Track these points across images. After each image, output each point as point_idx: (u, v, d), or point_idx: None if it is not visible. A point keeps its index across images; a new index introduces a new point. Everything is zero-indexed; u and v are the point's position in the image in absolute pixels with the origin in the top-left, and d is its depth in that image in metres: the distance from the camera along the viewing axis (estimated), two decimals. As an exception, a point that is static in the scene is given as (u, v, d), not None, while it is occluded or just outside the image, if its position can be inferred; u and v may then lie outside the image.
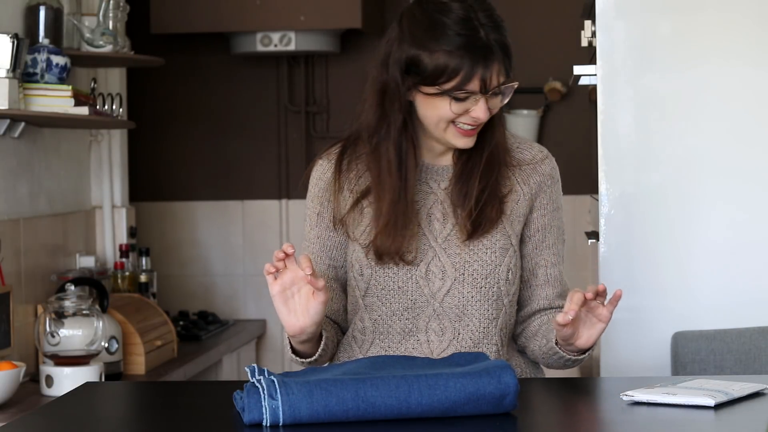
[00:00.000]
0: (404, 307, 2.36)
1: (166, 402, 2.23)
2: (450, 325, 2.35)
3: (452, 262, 2.35)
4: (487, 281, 2.35)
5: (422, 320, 2.36)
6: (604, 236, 3.04)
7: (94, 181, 4.43)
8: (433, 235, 2.36)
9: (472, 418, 1.94)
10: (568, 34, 4.28)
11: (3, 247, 3.57)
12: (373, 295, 2.37)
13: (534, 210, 2.41)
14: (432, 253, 2.35)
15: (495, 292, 2.35)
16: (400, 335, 2.37)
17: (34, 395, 3.43)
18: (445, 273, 2.34)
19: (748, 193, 3.01)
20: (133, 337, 3.83)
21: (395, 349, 2.37)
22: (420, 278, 2.35)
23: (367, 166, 2.38)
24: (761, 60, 3.01)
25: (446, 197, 2.37)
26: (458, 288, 2.34)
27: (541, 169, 2.42)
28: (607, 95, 3.04)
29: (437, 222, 2.36)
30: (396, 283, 2.35)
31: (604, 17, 3.04)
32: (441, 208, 2.37)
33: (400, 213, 2.32)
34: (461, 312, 2.35)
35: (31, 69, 3.62)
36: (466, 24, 2.26)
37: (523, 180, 2.40)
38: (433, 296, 2.35)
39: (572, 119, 5.10)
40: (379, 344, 2.38)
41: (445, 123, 2.29)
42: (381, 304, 2.37)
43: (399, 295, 2.35)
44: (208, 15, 4.88)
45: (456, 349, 2.35)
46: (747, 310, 2.98)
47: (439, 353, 2.35)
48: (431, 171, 2.40)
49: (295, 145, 5.24)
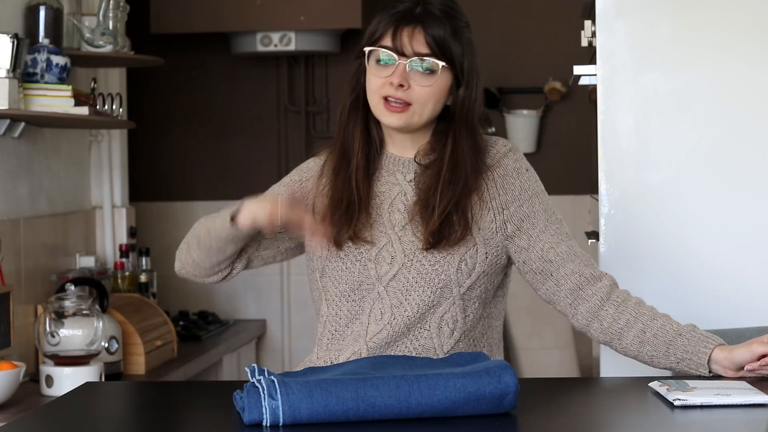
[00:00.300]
0: (351, 289, 2.40)
1: (166, 402, 2.23)
2: (389, 310, 2.37)
3: (404, 249, 2.38)
4: (434, 268, 2.37)
5: (367, 303, 2.39)
6: (604, 236, 3.04)
7: (94, 181, 4.43)
8: (391, 224, 2.41)
9: (472, 418, 1.95)
10: (568, 34, 4.28)
11: (3, 247, 3.57)
12: (327, 276, 2.42)
13: (507, 206, 2.42)
14: (386, 239, 2.40)
15: (442, 279, 2.37)
16: (346, 318, 2.41)
17: (34, 395, 3.43)
18: (394, 258, 2.38)
19: (748, 193, 3.01)
20: (133, 337, 3.83)
21: (342, 332, 2.41)
22: (368, 261, 2.39)
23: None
24: (761, 59, 3.00)
25: (411, 189, 2.43)
26: (404, 273, 2.37)
27: (504, 165, 2.45)
28: (607, 95, 3.04)
29: (398, 213, 2.42)
30: (345, 264, 2.40)
31: (604, 17, 3.03)
32: (404, 200, 2.43)
33: (346, 199, 2.41)
34: (403, 297, 2.37)
35: (31, 69, 3.62)
36: (411, 1, 2.39)
37: (492, 181, 2.43)
38: (379, 279, 2.38)
39: (572, 119, 5.10)
40: (329, 326, 2.43)
41: (376, 95, 2.38)
42: (332, 285, 2.42)
43: (347, 276, 2.40)
44: (208, 15, 4.88)
45: (390, 333, 2.37)
46: (747, 310, 2.98)
47: (372, 336, 2.37)
48: (398, 163, 2.46)
49: (295, 145, 5.24)
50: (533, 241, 2.42)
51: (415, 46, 2.35)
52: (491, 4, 5.03)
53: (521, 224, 2.42)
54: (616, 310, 2.38)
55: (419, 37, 2.35)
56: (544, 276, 2.42)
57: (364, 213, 2.41)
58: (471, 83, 2.41)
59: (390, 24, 2.36)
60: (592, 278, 2.40)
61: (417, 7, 2.37)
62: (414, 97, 2.36)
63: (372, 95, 2.39)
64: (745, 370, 2.28)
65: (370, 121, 2.45)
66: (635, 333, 2.36)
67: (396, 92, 2.35)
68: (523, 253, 2.42)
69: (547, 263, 2.41)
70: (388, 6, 2.39)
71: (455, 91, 2.41)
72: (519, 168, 2.45)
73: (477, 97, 2.43)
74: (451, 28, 2.36)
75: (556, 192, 5.21)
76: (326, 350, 2.42)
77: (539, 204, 2.44)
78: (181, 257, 2.52)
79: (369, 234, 2.40)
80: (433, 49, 2.35)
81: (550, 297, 2.43)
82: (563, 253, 2.41)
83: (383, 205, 2.43)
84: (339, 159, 2.45)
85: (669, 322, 2.37)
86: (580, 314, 2.40)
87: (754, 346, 2.28)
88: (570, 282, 2.40)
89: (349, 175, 2.43)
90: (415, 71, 2.36)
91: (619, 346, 2.39)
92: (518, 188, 2.43)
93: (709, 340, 2.33)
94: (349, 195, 2.42)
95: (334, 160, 2.46)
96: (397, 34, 2.35)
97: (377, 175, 2.46)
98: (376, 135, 2.46)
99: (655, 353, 2.35)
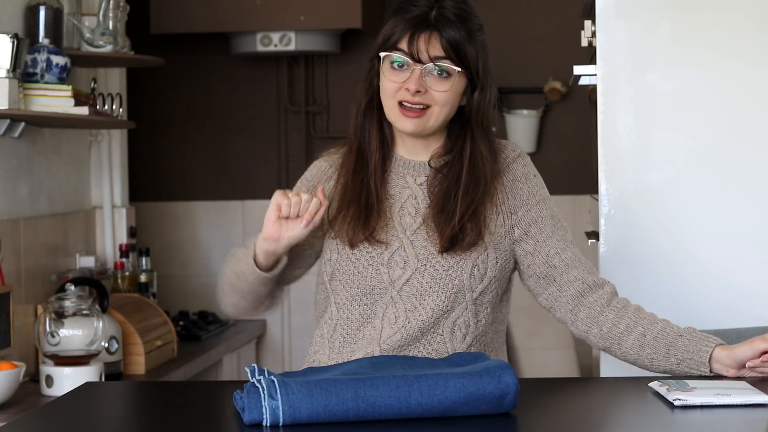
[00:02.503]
0: (363, 293, 2.39)
1: (166, 402, 2.23)
2: (403, 314, 2.37)
3: (416, 253, 2.38)
4: (448, 273, 2.37)
5: (380, 307, 2.39)
6: (604, 236, 3.04)
7: (94, 181, 4.43)
8: (402, 228, 2.40)
9: (472, 418, 1.95)
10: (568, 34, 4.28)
11: (3, 247, 3.57)
12: (337, 280, 2.41)
13: (516, 211, 2.42)
14: (398, 243, 2.39)
15: (456, 285, 2.37)
16: (359, 321, 2.40)
17: (34, 395, 3.43)
18: (407, 263, 2.38)
19: (748, 193, 3.01)
20: (133, 337, 3.83)
21: (353, 335, 2.40)
22: (381, 265, 2.38)
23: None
24: (761, 60, 3.00)
25: (421, 192, 2.42)
26: (417, 278, 2.37)
27: (513, 170, 2.45)
28: (607, 95, 3.04)
29: (409, 216, 2.41)
30: (357, 269, 2.39)
31: (604, 17, 3.03)
32: (414, 203, 2.42)
33: (363, 199, 2.40)
34: (417, 302, 2.37)
35: (31, 69, 3.62)
36: (426, 3, 2.38)
37: (501, 186, 2.43)
38: (392, 284, 2.38)
39: (572, 119, 5.10)
40: (340, 330, 2.42)
41: (392, 99, 2.37)
42: (343, 289, 2.41)
43: (359, 281, 2.39)
44: (208, 15, 4.88)
45: (404, 336, 2.36)
46: (747, 310, 2.98)
47: (386, 338, 2.36)
48: (408, 166, 2.45)
49: (295, 145, 5.24)
50: (539, 246, 2.42)
51: (431, 52, 2.34)
52: (491, 4, 5.03)
53: (528, 229, 2.42)
54: (616, 316, 2.38)
55: (435, 42, 2.34)
56: (547, 281, 2.42)
57: (380, 214, 2.40)
58: (486, 85, 2.41)
59: (406, 29, 2.35)
60: (595, 285, 2.41)
61: (432, 11, 2.36)
62: (430, 100, 2.36)
63: (387, 99, 2.39)
64: (746, 367, 2.28)
65: (383, 122, 2.44)
66: (635, 336, 2.36)
67: (413, 97, 2.35)
68: (528, 258, 2.42)
69: (551, 268, 2.41)
70: (402, 9, 2.38)
71: (470, 93, 2.40)
72: (528, 173, 2.46)
73: (491, 99, 2.43)
74: (466, 32, 2.36)
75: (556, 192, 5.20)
76: (338, 353, 2.41)
77: (546, 210, 2.45)
78: (224, 300, 2.50)
79: (384, 236, 2.39)
80: (449, 54, 2.34)
81: (551, 303, 2.43)
82: (568, 259, 2.42)
83: (393, 208, 2.42)
84: (356, 160, 2.44)
85: (669, 325, 2.37)
86: (580, 320, 2.40)
87: (755, 342, 2.29)
88: (573, 288, 2.41)
89: (367, 176, 2.42)
90: (430, 76, 2.35)
91: (619, 351, 2.39)
92: (526, 193, 2.44)
93: (710, 339, 2.33)
94: (367, 196, 2.41)
95: (351, 161, 2.45)
96: (414, 39, 2.34)
97: (387, 178, 2.45)
98: (389, 136, 2.45)
99: (656, 356, 2.35)
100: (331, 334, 2.43)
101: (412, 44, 2.34)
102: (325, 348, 2.44)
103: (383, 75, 2.38)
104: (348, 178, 2.44)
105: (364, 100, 2.44)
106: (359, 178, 2.42)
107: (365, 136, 2.44)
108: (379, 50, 2.38)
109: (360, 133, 2.45)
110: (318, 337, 2.48)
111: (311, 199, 2.30)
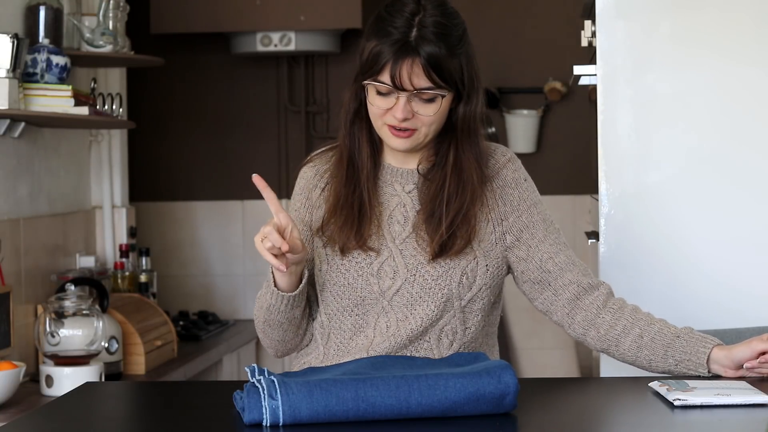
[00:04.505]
0: (354, 304, 2.38)
1: (166, 402, 2.23)
2: (395, 324, 2.36)
3: (406, 262, 2.36)
4: (437, 282, 2.35)
5: (371, 317, 2.38)
6: (604, 236, 3.04)
7: (94, 181, 4.43)
8: (392, 236, 2.39)
9: (472, 418, 1.95)
10: (568, 34, 4.28)
11: (3, 247, 3.57)
12: (327, 290, 2.40)
13: (506, 217, 2.41)
14: (387, 252, 2.37)
15: (445, 293, 2.35)
16: (351, 331, 2.39)
17: (34, 395, 3.43)
18: (396, 272, 2.36)
19: (748, 193, 3.01)
20: (133, 337, 3.83)
21: (347, 344, 2.39)
22: (371, 276, 2.37)
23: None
24: (761, 60, 3.00)
25: (409, 200, 2.41)
26: (407, 288, 2.36)
27: (503, 176, 2.43)
28: (607, 95, 3.04)
29: (398, 224, 2.39)
30: (347, 279, 2.38)
31: (604, 17, 3.03)
32: (403, 211, 2.40)
33: (356, 207, 2.38)
34: (408, 312, 2.36)
35: (31, 69, 3.62)
36: (405, 22, 2.30)
37: (491, 192, 2.41)
38: (382, 294, 2.37)
39: (572, 119, 5.10)
40: (334, 339, 2.41)
41: (380, 120, 2.34)
42: (333, 300, 2.40)
43: (349, 292, 2.38)
44: (208, 15, 4.89)
45: (392, 344, 2.35)
46: (747, 310, 2.98)
47: (375, 346, 2.35)
48: (396, 174, 2.43)
49: (295, 145, 5.24)
50: (532, 251, 2.41)
51: (414, 82, 2.28)
52: (491, 4, 5.03)
53: (520, 235, 2.41)
54: (612, 317, 2.38)
55: (418, 70, 2.28)
56: (542, 286, 2.41)
57: (372, 222, 2.39)
58: (472, 94, 2.37)
59: (388, 57, 2.28)
60: (590, 287, 2.40)
61: (412, 31, 2.28)
62: (418, 123, 2.33)
63: (375, 120, 2.36)
64: (744, 368, 2.28)
65: (372, 130, 2.41)
66: (633, 338, 2.36)
67: (401, 123, 2.32)
68: (522, 264, 2.41)
69: (545, 273, 2.41)
70: (382, 30, 2.31)
71: (456, 103, 2.37)
72: (518, 178, 2.44)
73: (479, 104, 2.39)
74: (447, 48, 2.29)
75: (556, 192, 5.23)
76: (332, 361, 2.41)
77: (538, 214, 2.43)
78: (267, 342, 2.46)
79: (375, 243, 2.38)
80: (433, 79, 2.29)
81: (548, 307, 2.43)
82: (562, 263, 2.41)
83: (382, 216, 2.40)
84: (347, 167, 2.41)
85: (666, 326, 2.37)
86: (577, 323, 2.40)
87: (753, 343, 2.29)
88: (568, 292, 2.40)
89: (360, 183, 2.40)
90: (416, 101, 2.31)
91: (617, 353, 2.39)
92: (517, 198, 2.42)
93: (707, 340, 2.33)
94: (360, 204, 2.39)
95: (342, 169, 2.42)
96: (396, 69, 2.28)
97: (376, 186, 2.44)
98: (378, 143, 2.43)
99: (653, 357, 2.35)
100: (326, 342, 2.42)
101: (395, 74, 2.28)
102: (319, 355, 2.43)
103: (369, 100, 2.34)
104: (340, 186, 2.41)
105: (353, 107, 2.40)
106: (351, 187, 2.40)
107: (355, 143, 2.41)
108: (363, 76, 2.32)
109: (350, 141, 2.42)
110: (315, 340, 2.46)
111: (278, 238, 2.21)
